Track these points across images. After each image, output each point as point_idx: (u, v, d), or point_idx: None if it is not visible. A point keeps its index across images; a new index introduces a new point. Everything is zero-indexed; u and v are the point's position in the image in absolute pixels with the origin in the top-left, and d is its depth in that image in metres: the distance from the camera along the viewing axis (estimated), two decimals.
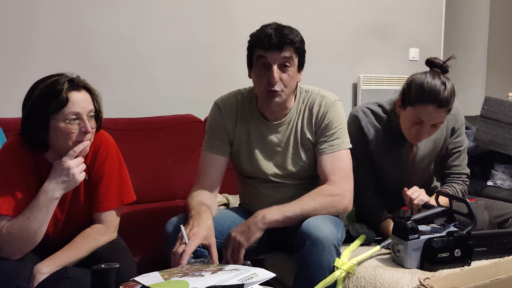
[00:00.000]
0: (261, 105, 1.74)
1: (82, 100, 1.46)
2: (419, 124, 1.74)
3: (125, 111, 2.57)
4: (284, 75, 1.62)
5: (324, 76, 3.17)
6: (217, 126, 1.76)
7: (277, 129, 1.74)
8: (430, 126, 1.74)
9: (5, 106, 2.35)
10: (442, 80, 1.73)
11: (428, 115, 1.71)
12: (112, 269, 1.10)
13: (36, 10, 2.42)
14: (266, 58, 1.61)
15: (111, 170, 1.59)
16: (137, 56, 2.69)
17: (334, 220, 1.60)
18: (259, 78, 1.64)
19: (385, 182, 1.93)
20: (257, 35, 1.64)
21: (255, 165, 1.76)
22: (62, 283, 1.27)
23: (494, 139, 2.41)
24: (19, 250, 1.43)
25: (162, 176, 2.45)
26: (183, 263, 1.38)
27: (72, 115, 1.44)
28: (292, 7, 3.12)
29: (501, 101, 2.46)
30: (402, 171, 1.92)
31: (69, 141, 1.45)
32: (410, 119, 1.76)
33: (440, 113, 1.71)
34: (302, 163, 1.75)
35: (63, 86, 1.43)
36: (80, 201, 1.58)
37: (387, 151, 1.89)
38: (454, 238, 1.55)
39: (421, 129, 1.74)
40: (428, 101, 1.70)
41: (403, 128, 1.81)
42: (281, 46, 1.59)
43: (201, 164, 1.77)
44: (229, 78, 2.87)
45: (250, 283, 1.16)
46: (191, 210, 1.56)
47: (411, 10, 3.66)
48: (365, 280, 1.52)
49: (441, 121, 1.75)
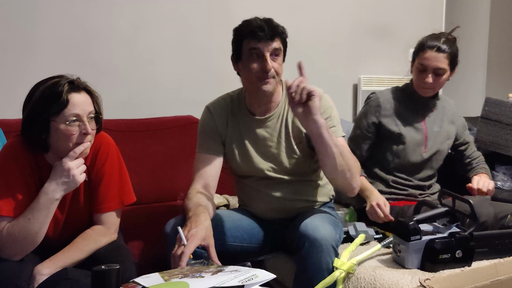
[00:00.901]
0: (250, 100, 1.76)
1: (82, 102, 1.46)
2: (423, 72, 1.98)
3: (126, 112, 2.57)
4: (275, 64, 1.66)
5: (325, 77, 3.16)
6: (208, 128, 1.78)
7: (266, 123, 1.76)
8: (432, 72, 1.96)
9: (6, 107, 2.35)
10: (443, 34, 2.02)
11: (428, 60, 1.95)
12: (112, 270, 1.10)
13: (37, 11, 2.42)
14: (258, 48, 1.64)
15: (111, 171, 1.59)
16: (137, 57, 2.69)
17: (332, 221, 1.60)
18: (251, 67, 1.66)
19: (403, 155, 2.04)
20: (246, 26, 1.69)
21: (249, 162, 1.77)
22: (62, 284, 1.27)
23: (495, 140, 2.41)
24: (19, 251, 1.44)
25: (162, 177, 2.45)
26: (183, 264, 1.38)
27: (73, 117, 1.44)
28: (292, 7, 3.11)
29: (501, 102, 2.45)
30: (417, 144, 2.04)
31: (69, 142, 1.45)
32: (416, 70, 2.01)
33: (439, 57, 1.95)
34: (296, 156, 1.75)
35: (64, 88, 1.43)
36: (80, 202, 1.58)
37: (405, 121, 2.05)
38: (456, 239, 1.55)
39: (425, 76, 1.96)
40: (427, 47, 1.97)
41: (414, 82, 2.05)
42: (272, 37, 1.64)
43: (196, 166, 1.77)
44: (230, 79, 2.84)
45: (251, 284, 1.15)
46: (189, 212, 1.56)
47: (412, 10, 3.65)
48: (365, 281, 1.52)
49: (442, 67, 1.95)
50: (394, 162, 2.05)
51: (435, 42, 1.97)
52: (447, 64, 1.96)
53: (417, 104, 2.08)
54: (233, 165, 1.82)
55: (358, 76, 3.44)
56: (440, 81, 1.99)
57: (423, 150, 2.05)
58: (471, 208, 1.57)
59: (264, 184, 1.78)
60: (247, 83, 1.73)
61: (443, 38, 1.99)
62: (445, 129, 2.10)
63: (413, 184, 2.06)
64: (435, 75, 1.97)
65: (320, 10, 3.26)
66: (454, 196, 1.66)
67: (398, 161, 2.04)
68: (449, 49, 1.96)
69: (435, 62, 1.95)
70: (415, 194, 2.05)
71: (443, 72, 1.97)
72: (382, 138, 2.07)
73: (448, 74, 2.00)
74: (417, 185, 2.07)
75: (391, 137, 2.04)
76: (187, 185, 1.78)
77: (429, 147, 2.06)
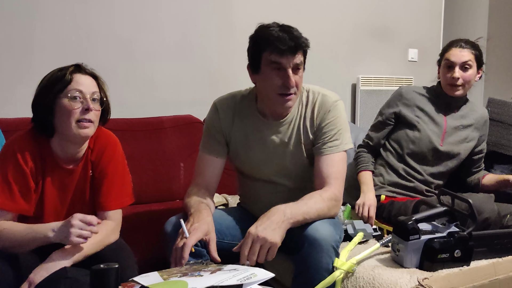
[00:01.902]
0: (263, 106, 1.72)
1: (86, 82, 1.53)
2: (450, 68, 2.05)
3: (125, 112, 2.57)
4: (296, 77, 1.60)
5: (323, 76, 3.17)
6: (213, 127, 1.75)
7: (278, 129, 1.73)
8: (459, 67, 2.03)
9: (5, 107, 2.35)
10: (468, 39, 2.11)
11: (454, 55, 2.04)
12: (111, 269, 1.10)
13: (36, 11, 2.42)
14: (280, 63, 1.57)
15: (116, 171, 1.62)
16: (136, 57, 2.69)
17: (332, 221, 1.59)
18: (271, 81, 1.59)
19: (420, 143, 2.08)
20: (266, 38, 1.57)
21: (254, 165, 1.76)
22: (62, 283, 1.27)
23: (498, 141, 2.42)
24: (11, 250, 1.44)
25: (161, 176, 2.45)
26: (185, 256, 1.38)
27: (76, 92, 1.49)
28: (291, 8, 3.12)
29: (504, 103, 2.47)
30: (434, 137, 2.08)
31: (71, 118, 1.48)
32: (443, 68, 2.09)
33: (464, 52, 2.04)
34: (302, 162, 1.74)
35: (68, 69, 1.52)
36: (86, 196, 1.60)
37: (425, 113, 2.11)
38: (455, 239, 1.55)
39: (453, 71, 2.03)
40: (452, 45, 2.08)
41: (442, 82, 2.11)
42: (295, 51, 1.57)
43: (198, 165, 1.76)
44: (228, 79, 2.87)
45: (249, 283, 1.16)
46: (191, 208, 1.56)
47: (410, 11, 3.66)
48: (364, 280, 1.52)
49: (468, 61, 2.03)
50: (409, 148, 2.08)
51: (459, 42, 2.08)
52: (473, 59, 2.04)
53: (442, 101, 2.12)
54: (236, 164, 1.81)
55: (356, 76, 3.45)
56: (467, 76, 2.04)
57: (440, 143, 2.07)
58: (470, 207, 1.57)
59: (267, 187, 1.77)
60: (265, 95, 1.66)
61: (467, 39, 2.10)
62: (467, 132, 2.12)
63: (421, 178, 2.06)
64: (462, 70, 2.03)
65: (320, 11, 3.27)
66: (453, 195, 1.66)
67: (412, 147, 2.07)
68: (473, 47, 2.06)
69: (461, 57, 2.03)
70: (422, 189, 2.06)
71: (470, 66, 2.04)
72: (400, 125, 2.13)
73: (475, 71, 2.06)
74: (425, 180, 2.06)
75: (408, 124, 2.10)
76: (187, 185, 1.79)
77: (446, 142, 2.08)
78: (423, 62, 3.67)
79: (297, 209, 1.51)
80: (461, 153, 2.11)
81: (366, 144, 2.20)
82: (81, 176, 1.59)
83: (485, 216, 1.74)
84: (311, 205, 1.55)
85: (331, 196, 1.61)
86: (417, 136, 2.07)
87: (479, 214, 1.64)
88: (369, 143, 2.19)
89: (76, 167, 1.58)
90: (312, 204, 1.55)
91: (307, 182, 1.76)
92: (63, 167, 1.56)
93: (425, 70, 3.58)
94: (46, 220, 1.54)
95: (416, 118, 2.09)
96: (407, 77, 3.62)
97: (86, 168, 1.60)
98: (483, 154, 2.21)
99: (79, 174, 1.59)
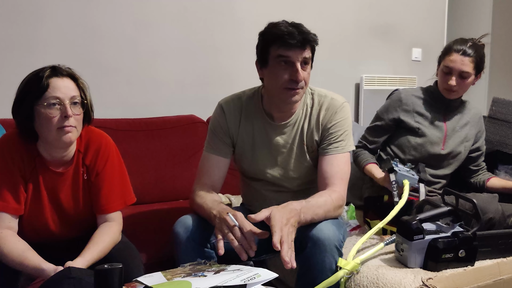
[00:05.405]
0: (269, 105, 1.72)
1: (64, 86, 1.45)
2: (448, 74, 2.00)
3: (128, 111, 2.58)
4: (304, 73, 1.60)
5: (327, 76, 3.17)
6: (219, 128, 1.74)
7: (283, 130, 1.73)
8: (457, 75, 1.98)
9: (8, 107, 2.35)
10: (471, 40, 2.03)
11: (453, 62, 1.97)
12: (115, 269, 1.10)
13: (39, 10, 2.43)
14: (288, 56, 1.57)
15: (113, 172, 1.59)
16: (139, 56, 2.69)
17: (335, 221, 1.59)
18: (278, 75, 1.59)
19: (422, 147, 2.06)
20: (274, 31, 1.59)
21: (259, 167, 1.75)
22: (65, 283, 1.26)
23: (502, 140, 2.41)
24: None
25: (164, 176, 2.45)
26: (253, 246, 1.42)
27: (53, 100, 1.43)
28: (294, 6, 3.12)
29: (509, 102, 2.46)
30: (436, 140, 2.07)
31: (51, 126, 1.43)
32: (441, 72, 2.04)
33: (465, 61, 1.97)
34: (306, 164, 1.74)
35: (45, 73, 1.45)
36: (80, 201, 1.58)
37: (425, 118, 2.08)
38: (459, 239, 1.54)
39: (450, 78, 1.98)
40: (453, 50, 1.99)
41: (439, 84, 2.07)
42: (304, 45, 1.57)
43: (203, 165, 1.75)
44: (232, 78, 2.88)
45: (253, 283, 1.16)
46: (212, 210, 1.54)
47: (414, 10, 3.65)
48: (368, 280, 1.52)
49: (467, 71, 1.97)
50: (410, 154, 2.06)
51: (462, 46, 1.99)
52: (472, 68, 1.98)
53: (440, 104, 2.10)
54: (241, 166, 1.81)
55: (360, 75, 3.44)
56: (464, 84, 2.01)
57: (441, 147, 2.06)
58: (474, 207, 1.57)
59: (271, 189, 1.77)
60: (272, 90, 1.65)
61: (470, 42, 2.01)
62: (465, 131, 2.11)
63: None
64: (459, 78, 1.99)
65: (322, 10, 3.26)
66: (457, 195, 1.66)
67: (414, 153, 2.06)
68: (475, 53, 1.98)
69: (460, 65, 1.97)
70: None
71: (468, 75, 1.99)
72: (401, 131, 2.11)
73: (472, 78, 2.02)
74: (428, 181, 2.04)
75: (409, 130, 2.08)
76: (190, 185, 1.78)
77: (447, 145, 2.07)
78: (426, 62, 3.66)
79: (307, 209, 1.51)
80: (462, 152, 2.10)
81: (364, 146, 2.18)
82: (74, 180, 1.56)
83: (490, 216, 1.73)
84: (320, 205, 1.55)
85: (339, 197, 1.62)
86: (418, 142, 2.05)
87: (483, 214, 1.63)
88: (367, 146, 2.16)
89: (66, 170, 1.54)
90: (321, 204, 1.56)
91: (311, 184, 1.75)
92: (52, 170, 1.52)
93: (428, 70, 3.55)
94: (40, 221, 1.53)
95: (416, 124, 2.07)
96: (410, 77, 3.61)
97: (78, 173, 1.56)
98: (481, 152, 2.19)
99: (71, 178, 1.55)
